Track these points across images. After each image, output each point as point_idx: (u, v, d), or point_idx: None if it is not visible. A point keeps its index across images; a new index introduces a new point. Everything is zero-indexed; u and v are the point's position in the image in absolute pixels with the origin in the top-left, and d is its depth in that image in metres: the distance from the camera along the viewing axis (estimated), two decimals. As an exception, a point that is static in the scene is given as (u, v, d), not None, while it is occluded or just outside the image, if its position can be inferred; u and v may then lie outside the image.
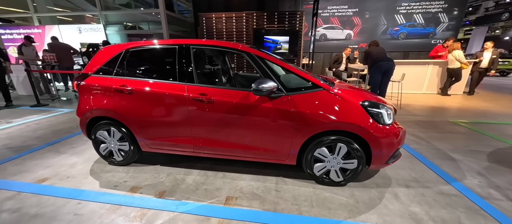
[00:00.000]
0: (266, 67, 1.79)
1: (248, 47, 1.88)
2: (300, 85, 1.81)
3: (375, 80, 4.21)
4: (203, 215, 1.53)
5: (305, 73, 1.82)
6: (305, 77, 1.79)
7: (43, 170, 2.10)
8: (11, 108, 4.59)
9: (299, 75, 1.81)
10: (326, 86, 1.76)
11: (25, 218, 1.49)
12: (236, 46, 1.88)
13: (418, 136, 3.03)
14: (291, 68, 1.82)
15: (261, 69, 1.79)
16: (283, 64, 1.84)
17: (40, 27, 7.33)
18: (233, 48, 1.88)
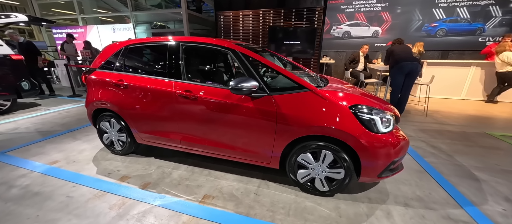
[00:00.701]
0: (250, 66, 1.73)
1: (235, 44, 1.83)
2: (286, 85, 1.71)
3: (397, 82, 3.78)
4: (176, 210, 1.55)
5: (290, 73, 1.71)
6: (289, 77, 1.67)
7: (57, 154, 2.37)
8: (54, 97, 5.30)
9: (284, 74, 1.70)
10: (312, 87, 1.62)
11: (28, 195, 1.70)
12: (222, 43, 1.85)
13: (438, 148, 2.63)
14: (275, 67, 1.72)
15: (244, 67, 1.73)
16: (267, 63, 1.75)
17: (83, 27, 8.29)
18: (219, 45, 1.85)
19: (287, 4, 7.89)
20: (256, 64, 1.79)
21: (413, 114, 4.07)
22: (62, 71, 6.58)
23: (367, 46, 5.24)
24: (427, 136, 2.98)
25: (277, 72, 1.73)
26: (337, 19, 7.56)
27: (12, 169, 2.05)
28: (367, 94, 1.93)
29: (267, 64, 1.74)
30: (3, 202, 1.61)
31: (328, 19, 7.63)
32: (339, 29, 7.62)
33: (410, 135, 3.01)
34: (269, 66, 1.74)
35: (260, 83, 1.65)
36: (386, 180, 1.95)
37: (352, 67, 5.14)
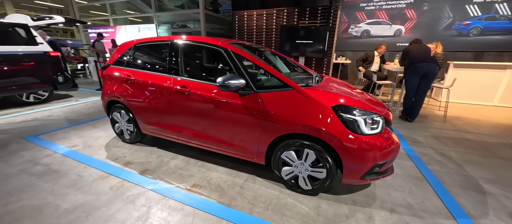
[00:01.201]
0: (240, 64, 1.80)
1: (228, 43, 1.92)
2: (273, 83, 1.76)
3: (410, 84, 3.54)
4: (165, 195, 1.70)
5: (276, 72, 1.74)
6: (276, 76, 1.71)
7: (77, 139, 2.70)
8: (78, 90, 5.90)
9: (271, 73, 1.74)
10: (296, 86, 1.64)
11: (48, 172, 1.99)
12: (216, 42, 1.95)
13: (448, 156, 2.44)
14: (263, 66, 1.77)
15: (234, 65, 1.81)
16: (257, 62, 1.80)
17: (113, 27, 9.09)
18: (213, 44, 1.96)
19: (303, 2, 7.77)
20: (246, 62, 1.86)
21: (430, 120, 3.78)
22: (94, 67, 7.32)
23: (385, 46, 4.95)
24: (438, 143, 2.77)
25: (265, 71, 1.78)
26: (355, 18, 7.26)
27: (40, 149, 2.40)
28: (360, 96, 1.88)
29: (256, 63, 1.80)
30: (28, 175, 1.91)
31: (346, 18, 7.37)
32: (357, 27, 7.32)
33: (419, 141, 2.83)
34: (258, 64, 1.79)
35: (248, 81, 1.72)
36: (377, 184, 1.89)
37: (364, 67, 4.90)
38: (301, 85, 1.74)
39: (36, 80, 4.20)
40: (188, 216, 1.50)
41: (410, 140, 2.87)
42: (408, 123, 3.57)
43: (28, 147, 2.46)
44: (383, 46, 4.88)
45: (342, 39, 7.60)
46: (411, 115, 3.63)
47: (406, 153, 2.50)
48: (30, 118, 3.45)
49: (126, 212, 1.52)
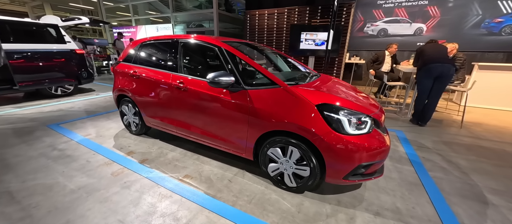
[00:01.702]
0: (231, 62, 1.86)
1: (222, 42, 1.99)
2: (261, 81, 1.80)
3: (423, 86, 3.34)
4: (158, 183, 1.82)
5: (264, 70, 1.78)
6: (263, 73, 1.75)
7: (91, 129, 2.97)
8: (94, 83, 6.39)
9: (259, 71, 1.78)
10: (282, 83, 1.67)
11: (63, 156, 2.23)
12: (211, 40, 2.03)
13: (455, 163, 2.28)
14: (253, 64, 1.82)
15: (226, 63, 1.88)
16: (247, 60, 1.85)
17: (134, 27, 9.68)
18: (208, 42, 2.04)
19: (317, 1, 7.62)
20: (237, 60, 1.91)
21: (445, 125, 3.54)
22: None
23: (396, 45, 4.69)
24: (447, 149, 2.60)
25: (252, 69, 1.83)
26: (372, 16, 6.94)
27: (59, 137, 2.69)
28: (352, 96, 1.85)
29: (246, 61, 1.85)
30: (46, 158, 2.17)
31: (362, 16, 7.08)
32: (374, 26, 7.00)
33: (425, 146, 2.68)
34: (247, 62, 1.84)
35: (237, 78, 1.78)
36: (368, 186, 1.85)
37: (375, 68, 4.68)
38: (289, 83, 1.76)
39: (64, 75, 4.67)
40: (174, 203, 1.60)
41: (415, 145, 2.73)
42: (418, 127, 3.38)
43: (50, 134, 2.77)
44: (394, 45, 4.63)
45: (357, 38, 7.32)
46: (423, 118, 3.42)
47: (407, 158, 2.38)
48: (55, 109, 3.85)
49: (121, 195, 1.67)
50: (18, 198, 1.61)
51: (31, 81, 4.18)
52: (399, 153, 2.49)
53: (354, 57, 7.20)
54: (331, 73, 6.16)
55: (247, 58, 1.86)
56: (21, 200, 1.59)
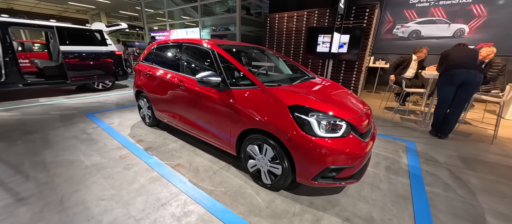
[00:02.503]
0: (221, 63, 2.02)
1: (216, 45, 2.17)
2: (244, 82, 1.91)
3: (443, 93, 3.00)
4: (152, 168, 2.09)
5: (246, 70, 1.89)
6: (245, 74, 1.87)
7: (116, 119, 3.47)
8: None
9: (242, 72, 1.91)
10: (260, 84, 1.76)
11: (88, 139, 2.69)
12: (206, 43, 2.23)
13: (464, 181, 2.04)
14: (237, 65, 1.95)
15: (216, 64, 2.05)
16: (233, 62, 1.98)
17: (168, 31, 10.68)
18: (203, 44, 2.25)
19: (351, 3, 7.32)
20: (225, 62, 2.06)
21: (473, 139, 3.11)
22: (149, 64, 8.83)
23: (426, 50, 4.24)
24: (462, 166, 2.32)
25: (237, 70, 1.95)
26: (403, 16, 6.42)
27: (90, 123, 3.22)
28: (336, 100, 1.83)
29: (232, 63, 1.99)
30: (76, 140, 2.65)
31: (391, 17, 6.58)
32: (405, 27, 6.45)
33: (435, 160, 2.43)
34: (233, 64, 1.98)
35: (224, 78, 1.93)
36: (348, 193, 1.81)
37: (398, 73, 4.29)
38: (271, 84, 1.84)
39: (105, 72, 5.48)
40: (161, 186, 1.83)
41: (424, 157, 2.49)
42: (437, 140, 3.05)
43: (85, 121, 3.33)
44: (424, 49, 4.19)
45: (384, 41, 6.83)
46: (442, 130, 3.07)
47: (407, 170, 2.21)
48: (94, 101, 4.57)
49: (122, 174, 1.97)
50: (48, 168, 2.03)
51: (80, 77, 5.03)
52: (400, 165, 2.32)
53: (379, 61, 6.72)
54: (350, 78, 5.88)
55: (233, 59, 2.00)
56: (50, 169, 2.00)
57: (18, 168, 2.01)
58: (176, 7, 10.45)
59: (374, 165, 2.29)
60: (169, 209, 1.57)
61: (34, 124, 3.11)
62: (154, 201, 1.64)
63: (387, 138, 3.07)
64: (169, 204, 1.62)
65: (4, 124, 3.09)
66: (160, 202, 1.64)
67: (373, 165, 2.28)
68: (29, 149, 2.38)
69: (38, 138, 2.67)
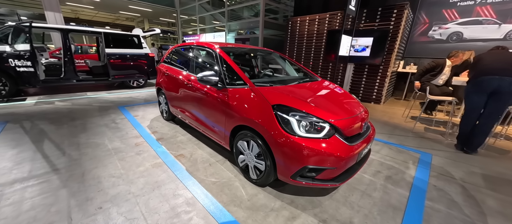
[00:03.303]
0: (221, 64, 2.19)
1: (219, 47, 2.36)
2: (238, 81, 2.04)
3: (471, 102, 2.66)
4: (159, 155, 2.36)
5: (240, 71, 2.02)
6: (238, 73, 2.00)
7: (141, 112, 3.95)
8: None
9: (236, 71, 2.04)
10: (250, 83, 1.87)
11: (115, 127, 3.14)
12: (210, 46, 2.44)
13: (479, 200, 1.81)
14: (232, 65, 2.09)
15: (217, 64, 2.23)
16: (229, 62, 2.13)
17: (198, 35, 11.50)
18: (209, 47, 2.46)
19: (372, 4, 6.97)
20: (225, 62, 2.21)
21: (506, 155, 2.68)
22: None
23: (462, 55, 3.73)
24: (482, 184, 2.05)
25: (233, 70, 2.09)
26: (441, 17, 5.79)
27: (120, 114, 3.74)
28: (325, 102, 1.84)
29: (229, 64, 2.14)
30: (105, 127, 3.13)
31: (427, 17, 5.98)
32: (443, 29, 5.80)
33: (449, 175, 2.19)
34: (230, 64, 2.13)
35: (222, 78, 2.09)
36: (335, 197, 1.78)
37: (427, 79, 3.86)
38: (263, 84, 1.94)
39: (140, 71, 6.22)
40: (161, 171, 2.07)
41: (437, 171, 2.26)
42: (461, 155, 2.71)
43: (116, 112, 3.88)
44: (460, 54, 3.71)
45: (418, 44, 6.22)
46: (469, 144, 2.72)
47: (410, 182, 2.05)
48: (128, 96, 5.24)
49: (133, 158, 2.28)
50: (80, 147, 2.47)
51: (119, 75, 5.82)
52: (404, 176, 2.15)
53: (411, 66, 6.13)
54: (373, 84, 5.52)
55: (231, 60, 2.15)
56: (80, 149, 2.44)
57: (59, 146, 2.49)
58: (206, 13, 11.19)
59: (373, 173, 2.18)
60: (163, 191, 1.78)
61: (78, 113, 3.75)
62: (152, 183, 1.88)
63: (400, 148, 2.84)
64: (164, 187, 1.83)
65: (57, 111, 3.80)
66: (157, 184, 1.87)
67: (372, 173, 2.17)
68: (71, 132, 2.91)
69: (79, 124, 3.23)
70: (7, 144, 2.48)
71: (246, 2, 9.21)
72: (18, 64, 4.37)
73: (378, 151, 2.70)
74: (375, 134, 2.12)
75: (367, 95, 5.70)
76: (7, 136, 2.68)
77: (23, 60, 4.39)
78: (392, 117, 4.31)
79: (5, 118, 3.30)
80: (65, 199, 1.63)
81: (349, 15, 5.64)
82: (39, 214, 1.47)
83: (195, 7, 11.24)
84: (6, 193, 1.67)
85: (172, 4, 12.70)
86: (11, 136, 2.70)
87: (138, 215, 1.51)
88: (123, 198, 1.67)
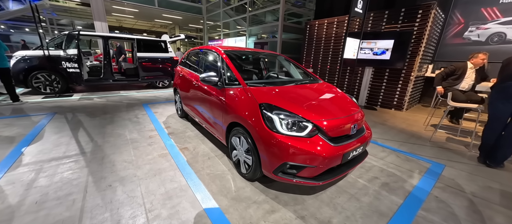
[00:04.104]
0: (222, 65, 2.38)
1: (222, 51, 2.55)
2: (234, 82, 2.19)
3: (496, 110, 2.38)
4: (166, 147, 2.63)
5: (236, 71, 2.16)
6: (234, 74, 2.15)
7: (160, 109, 4.37)
8: None
9: (233, 72, 2.19)
10: (243, 83, 2.01)
11: (136, 121, 3.56)
12: (214, 49, 2.65)
13: (485, 217, 1.66)
14: (230, 65, 2.25)
15: (219, 66, 2.42)
16: (229, 64, 2.30)
17: (221, 40, 12.08)
18: (214, 50, 2.67)
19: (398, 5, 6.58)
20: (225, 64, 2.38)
21: (547, 175, 2.32)
22: (202, 68, 10.24)
23: (483, 55, 3.33)
24: (496, 200, 1.85)
25: (231, 72, 2.25)
26: (480, 16, 5.19)
27: (142, 110, 4.20)
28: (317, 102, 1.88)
29: (228, 65, 2.30)
30: (128, 120, 3.56)
31: (462, 17, 5.41)
32: (482, 30, 5.20)
33: (458, 188, 2.02)
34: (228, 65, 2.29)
35: (221, 78, 2.27)
36: (321, 198, 1.80)
37: (449, 84, 3.52)
38: (254, 84, 2.06)
39: (165, 73, 6.84)
40: (166, 160, 2.32)
41: (444, 183, 2.09)
42: (482, 168, 2.43)
43: (140, 108, 4.36)
44: (479, 55, 3.32)
45: (451, 47, 5.65)
46: (493, 157, 2.43)
47: (408, 190, 1.94)
48: (152, 95, 5.81)
49: (144, 148, 2.59)
50: (105, 136, 2.88)
51: (148, 76, 6.49)
52: (403, 184, 2.04)
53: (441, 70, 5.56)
54: (394, 89, 5.17)
55: (230, 62, 2.32)
56: (105, 137, 2.85)
57: (89, 134, 2.94)
58: (229, 19, 11.72)
59: (370, 178, 2.11)
60: (163, 177, 2.01)
61: (110, 108, 4.32)
62: (156, 170, 2.13)
63: (410, 156, 2.67)
64: (164, 174, 2.06)
65: (94, 105, 4.43)
66: (159, 171, 2.11)
67: (369, 179, 2.11)
68: (100, 123, 3.40)
69: (108, 117, 3.74)
70: (52, 130, 3.02)
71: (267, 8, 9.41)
72: (68, 66, 5.21)
73: (383, 158, 2.58)
74: (371, 137, 2.06)
75: (388, 101, 5.36)
76: (53, 124, 3.25)
77: (72, 62, 5.23)
78: (412, 125, 4.00)
79: (54, 110, 3.98)
80: (85, 176, 1.96)
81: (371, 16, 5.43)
82: (64, 186, 1.81)
83: (220, 14, 11.84)
84: (44, 167, 2.07)
85: (200, 11, 13.60)
86: (56, 124, 3.27)
87: (138, 194, 1.75)
88: (129, 180, 1.94)
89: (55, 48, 5.30)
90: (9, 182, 1.83)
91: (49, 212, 1.52)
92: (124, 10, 13.29)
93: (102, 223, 1.45)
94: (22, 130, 2.94)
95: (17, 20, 14.63)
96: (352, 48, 4.81)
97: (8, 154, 2.30)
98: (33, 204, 1.59)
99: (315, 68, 6.95)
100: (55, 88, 5.23)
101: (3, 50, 4.03)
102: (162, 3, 12.24)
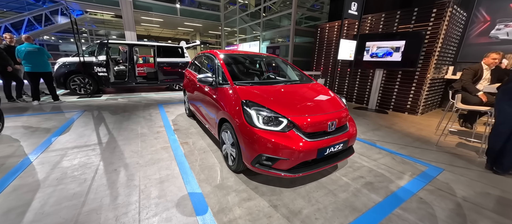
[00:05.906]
0: (216, 67, 2.60)
1: (218, 53, 2.78)
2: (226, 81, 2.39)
3: (502, 115, 2.21)
4: (169, 141, 2.92)
5: (227, 72, 2.36)
6: (225, 74, 2.35)
7: (172, 109, 4.76)
8: None
9: (224, 72, 2.39)
10: (231, 82, 2.20)
11: (149, 118, 3.96)
12: (213, 52, 2.88)
13: (469, 222, 1.58)
14: (224, 69, 2.45)
15: (216, 67, 2.64)
16: (223, 66, 2.51)
17: (236, 45, 12.52)
18: (212, 53, 2.91)
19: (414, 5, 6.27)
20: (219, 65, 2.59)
21: None
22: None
23: (496, 55, 3.04)
24: (486, 206, 1.75)
25: (223, 73, 2.45)
26: (509, 13, 4.74)
27: (156, 109, 4.62)
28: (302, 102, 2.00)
29: (221, 66, 2.51)
30: (142, 118, 3.98)
31: (488, 15, 4.98)
32: (511, 27, 4.69)
33: (453, 193, 1.93)
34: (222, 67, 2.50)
35: (215, 79, 2.49)
36: (299, 191, 1.89)
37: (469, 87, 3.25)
38: (241, 84, 2.24)
39: (181, 77, 7.35)
40: (166, 152, 2.59)
41: (435, 186, 2.02)
42: (488, 175, 2.27)
43: (155, 108, 4.81)
44: (491, 54, 3.04)
45: (475, 46, 5.22)
46: (499, 163, 2.25)
47: (392, 191, 1.92)
48: (168, 97, 6.30)
49: (151, 141, 2.90)
50: (120, 130, 3.29)
51: (166, 79, 7.06)
52: (389, 185, 2.02)
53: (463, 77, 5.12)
54: (407, 91, 4.92)
55: (223, 64, 2.53)
56: (120, 131, 3.24)
57: (108, 128, 3.38)
58: (244, 25, 12.14)
59: (354, 177, 2.13)
60: (160, 165, 2.27)
61: (130, 107, 4.84)
62: (155, 159, 2.40)
63: (408, 159, 2.58)
64: (162, 163, 2.32)
65: (117, 105, 5.00)
66: (158, 160, 2.38)
67: (353, 178, 2.12)
68: (119, 119, 3.85)
69: (127, 114, 4.21)
70: (79, 124, 3.53)
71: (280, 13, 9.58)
72: (99, 70, 5.95)
73: (376, 159, 2.54)
74: (355, 135, 2.08)
75: (400, 104, 5.11)
76: (81, 119, 3.78)
77: (102, 67, 5.96)
78: (422, 129, 3.80)
79: (84, 108, 4.59)
80: (98, 161, 2.31)
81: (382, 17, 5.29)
82: (80, 168, 2.17)
83: (236, 20, 12.33)
84: (68, 153, 2.48)
85: (218, 19, 14.30)
86: (84, 119, 3.79)
87: (136, 178, 2.02)
88: (131, 166, 2.23)
89: (89, 55, 6.10)
90: (40, 163, 2.24)
91: (65, 186, 1.85)
92: (151, 20, 14.51)
93: (103, 197, 1.73)
94: (56, 123, 3.49)
95: (64, 32, 16.82)
96: (348, 50, 4.80)
97: (43, 141, 2.78)
98: (55, 180, 1.95)
99: (326, 70, 6.89)
100: (88, 89, 5.99)
101: (46, 57, 4.79)
102: (184, 12, 13.15)
